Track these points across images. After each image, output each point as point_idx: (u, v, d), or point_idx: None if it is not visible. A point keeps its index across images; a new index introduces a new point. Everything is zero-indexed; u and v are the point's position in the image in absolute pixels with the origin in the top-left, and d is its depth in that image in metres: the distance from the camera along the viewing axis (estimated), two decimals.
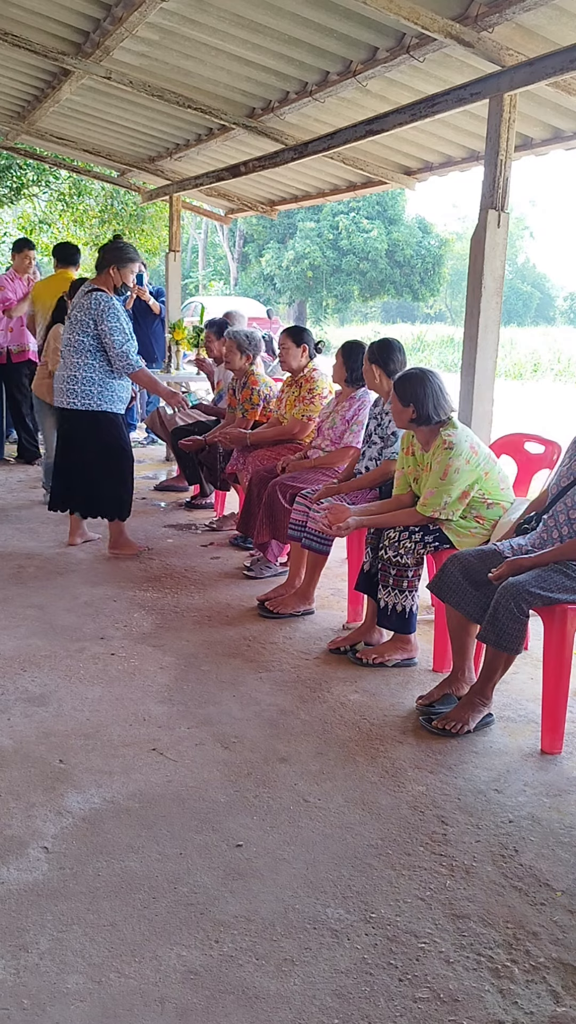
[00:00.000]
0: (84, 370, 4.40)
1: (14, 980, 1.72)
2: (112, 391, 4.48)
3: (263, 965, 1.79)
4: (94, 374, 4.41)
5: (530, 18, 3.65)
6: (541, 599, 2.59)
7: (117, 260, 4.44)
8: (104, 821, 2.26)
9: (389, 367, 3.71)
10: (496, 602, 2.63)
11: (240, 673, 3.21)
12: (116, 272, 4.45)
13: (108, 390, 4.46)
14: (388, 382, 3.68)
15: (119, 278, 4.48)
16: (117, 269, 4.44)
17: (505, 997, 1.72)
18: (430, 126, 5.08)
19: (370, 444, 3.85)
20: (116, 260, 4.43)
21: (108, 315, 4.33)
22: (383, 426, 3.76)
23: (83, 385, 4.40)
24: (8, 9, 5.12)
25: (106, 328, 4.33)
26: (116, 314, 4.37)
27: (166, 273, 8.58)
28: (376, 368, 3.72)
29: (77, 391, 4.41)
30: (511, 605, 2.58)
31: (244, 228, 32.73)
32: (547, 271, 49.81)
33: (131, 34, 4.86)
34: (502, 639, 2.63)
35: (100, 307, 4.35)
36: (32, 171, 14.13)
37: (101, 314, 4.34)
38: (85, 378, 4.40)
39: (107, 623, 3.68)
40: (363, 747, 2.71)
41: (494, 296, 4.04)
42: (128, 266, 4.46)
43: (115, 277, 4.46)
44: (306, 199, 7.92)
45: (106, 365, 4.44)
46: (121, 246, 4.54)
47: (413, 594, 3.23)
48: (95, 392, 4.42)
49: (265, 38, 4.63)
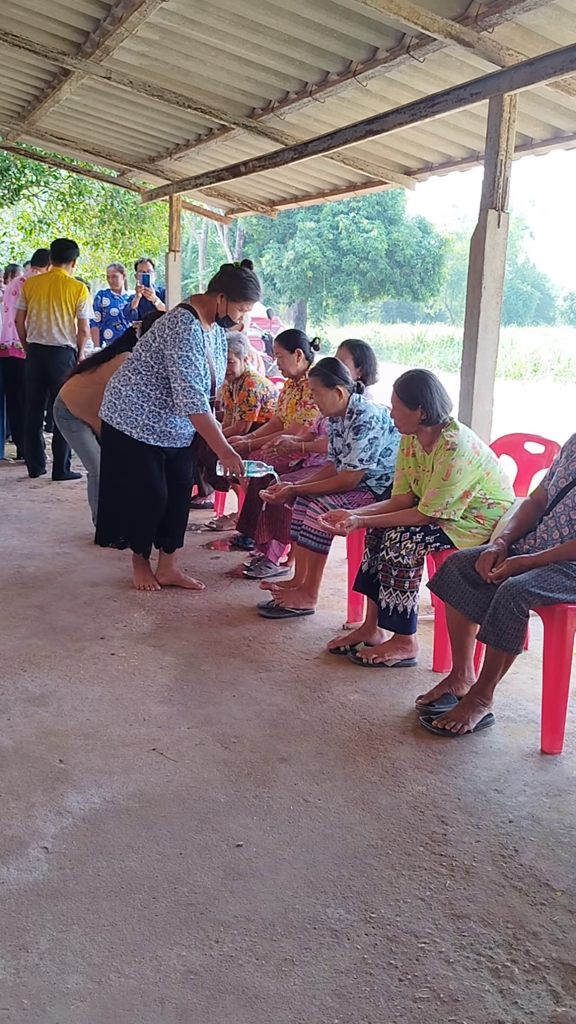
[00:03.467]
0: (129, 387, 3.76)
1: (14, 980, 1.72)
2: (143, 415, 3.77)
3: (263, 965, 1.79)
4: (143, 401, 3.75)
5: (530, 18, 3.65)
6: (541, 599, 2.59)
7: (231, 291, 3.66)
8: (104, 821, 2.26)
9: (348, 380, 3.76)
10: (496, 602, 2.63)
11: (240, 673, 3.21)
12: (224, 302, 3.68)
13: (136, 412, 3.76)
14: (346, 394, 3.73)
15: (224, 309, 3.70)
16: (227, 300, 3.68)
17: (505, 997, 1.72)
18: (430, 126, 5.08)
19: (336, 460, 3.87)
20: (230, 291, 3.66)
21: (183, 340, 3.58)
22: (342, 437, 3.78)
23: (118, 398, 3.78)
24: (8, 9, 5.12)
25: (174, 355, 3.59)
26: (193, 342, 3.60)
27: (166, 273, 8.59)
28: (341, 387, 3.72)
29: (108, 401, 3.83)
30: (511, 605, 2.59)
31: (244, 228, 32.73)
32: (547, 271, 49.87)
33: (131, 34, 4.86)
34: (502, 639, 2.63)
35: (176, 327, 3.61)
36: (32, 171, 14.13)
37: (176, 336, 3.60)
38: (126, 395, 3.76)
39: (107, 623, 3.68)
40: (363, 747, 2.71)
41: (494, 296, 4.04)
42: (241, 304, 3.69)
43: (220, 306, 3.70)
44: (306, 199, 7.93)
45: (161, 394, 3.74)
46: (243, 278, 3.69)
47: (414, 594, 3.23)
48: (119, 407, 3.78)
49: (265, 38, 4.64)
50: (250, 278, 3.70)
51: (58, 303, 6.36)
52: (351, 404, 3.72)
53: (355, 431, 3.68)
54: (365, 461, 3.69)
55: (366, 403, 3.73)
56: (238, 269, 3.73)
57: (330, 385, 3.73)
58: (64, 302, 6.38)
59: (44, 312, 6.34)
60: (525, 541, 2.87)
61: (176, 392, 3.63)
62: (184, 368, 3.59)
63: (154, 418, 3.78)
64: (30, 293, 6.39)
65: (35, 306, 6.37)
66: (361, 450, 3.66)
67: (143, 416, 3.76)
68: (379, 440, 3.71)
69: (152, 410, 3.77)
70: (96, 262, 15.67)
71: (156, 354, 3.69)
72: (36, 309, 6.37)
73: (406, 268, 30.17)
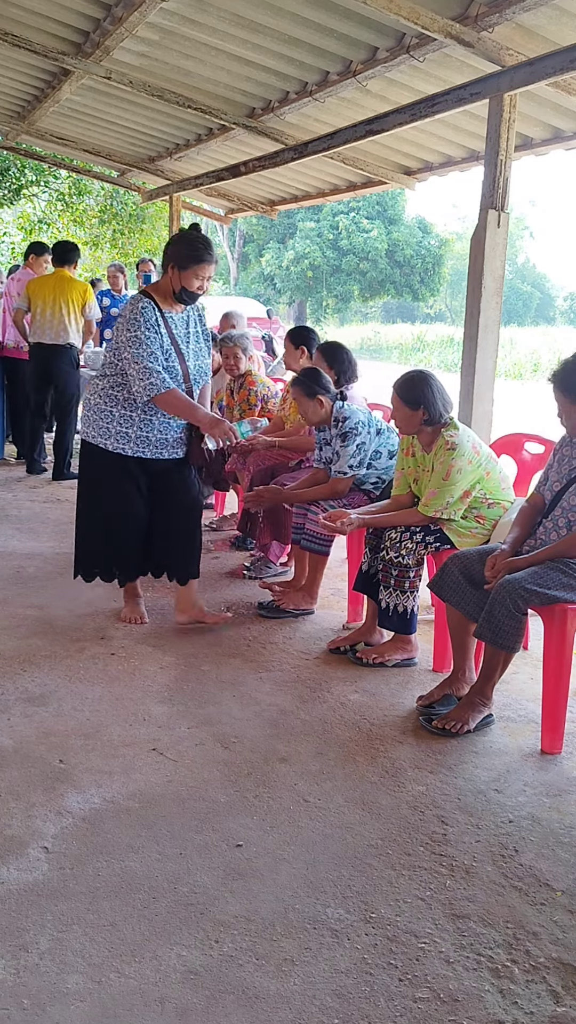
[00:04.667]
0: (98, 395, 3.39)
1: (14, 980, 1.72)
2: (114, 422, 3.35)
3: (263, 965, 1.79)
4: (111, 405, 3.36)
5: (530, 18, 3.66)
6: (538, 596, 2.59)
7: (178, 259, 3.25)
8: (104, 821, 2.26)
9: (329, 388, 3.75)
10: (492, 599, 2.63)
11: (240, 673, 3.21)
12: (176, 274, 3.26)
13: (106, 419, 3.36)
14: (328, 403, 3.72)
15: (178, 281, 3.27)
16: (177, 270, 3.25)
17: (505, 997, 1.72)
18: (430, 126, 5.08)
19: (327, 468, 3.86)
20: (177, 258, 3.25)
21: (131, 321, 3.21)
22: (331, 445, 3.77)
23: (90, 409, 3.42)
24: (8, 9, 5.13)
25: (124, 339, 3.23)
26: (145, 322, 3.22)
27: None
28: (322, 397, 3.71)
29: (83, 416, 3.49)
30: (507, 601, 2.59)
31: (244, 228, 32.75)
32: (547, 271, 49.87)
33: (131, 34, 4.86)
34: (498, 636, 2.63)
35: (125, 311, 3.28)
36: (32, 171, 14.14)
37: (124, 320, 3.25)
38: (95, 403, 3.40)
39: (107, 623, 3.68)
40: (363, 747, 2.71)
41: (494, 296, 4.04)
42: (193, 269, 3.24)
43: (174, 280, 3.28)
44: (306, 199, 7.93)
45: (129, 393, 3.31)
46: (189, 239, 3.29)
47: (414, 594, 3.23)
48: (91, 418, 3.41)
49: (265, 38, 4.64)
50: (197, 238, 3.28)
51: (65, 302, 6.37)
52: (335, 412, 3.72)
53: (342, 438, 3.67)
54: (355, 467, 3.69)
55: (350, 409, 3.72)
56: (182, 233, 3.35)
57: (310, 395, 3.70)
58: (71, 301, 6.40)
59: (50, 311, 6.35)
60: (524, 544, 2.87)
61: (132, 379, 3.22)
62: (135, 349, 3.19)
63: (126, 423, 3.34)
64: (34, 293, 6.40)
65: (39, 305, 6.37)
66: (350, 456, 3.66)
67: (114, 422, 3.34)
68: (367, 445, 3.70)
69: (123, 413, 3.34)
70: (96, 262, 15.68)
71: (115, 350, 3.32)
72: (40, 308, 6.37)
73: (406, 268, 30.19)
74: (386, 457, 3.77)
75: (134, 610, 3.72)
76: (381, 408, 4.48)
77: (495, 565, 2.75)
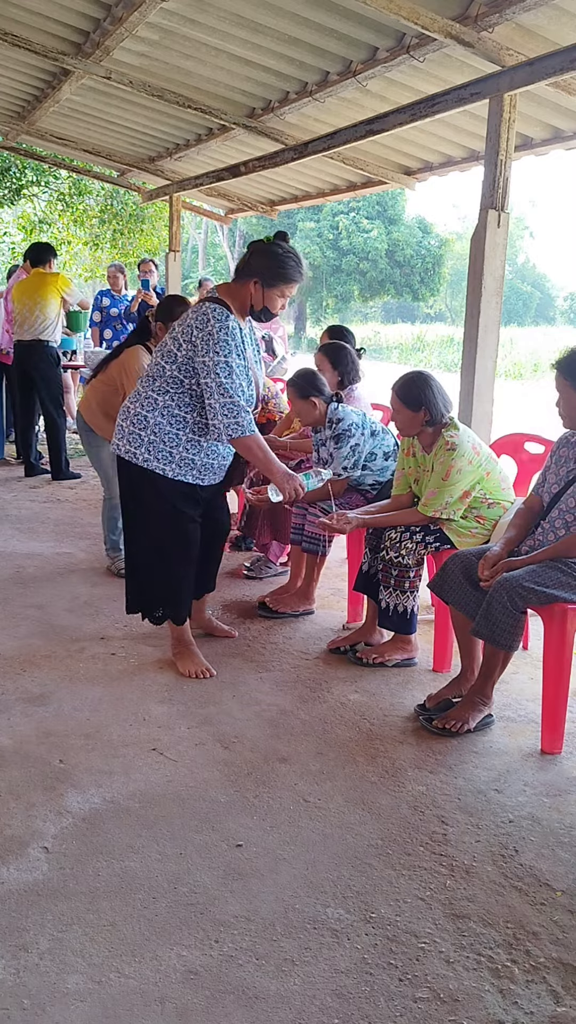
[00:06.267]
0: (157, 412, 2.96)
1: (14, 980, 1.72)
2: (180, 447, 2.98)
3: (263, 965, 1.79)
4: (177, 428, 2.96)
5: (530, 18, 3.66)
6: (536, 594, 2.59)
7: (266, 274, 2.88)
8: (104, 821, 2.26)
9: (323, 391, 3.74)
10: (490, 596, 2.64)
11: (240, 673, 3.21)
12: (259, 290, 2.90)
13: (171, 443, 2.97)
14: (322, 404, 3.71)
15: (260, 298, 2.91)
16: (262, 287, 2.89)
17: (505, 997, 1.72)
18: (430, 126, 5.09)
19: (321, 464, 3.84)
20: (265, 274, 2.88)
21: (219, 342, 2.79)
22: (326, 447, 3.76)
23: (143, 427, 2.97)
24: (8, 9, 5.13)
25: (208, 363, 2.79)
26: (231, 344, 2.81)
27: (166, 273, 8.59)
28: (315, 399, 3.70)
29: (124, 430, 3.02)
30: (504, 599, 2.59)
31: (244, 228, 32.73)
32: (547, 271, 49.87)
33: (131, 34, 4.86)
34: (495, 633, 2.63)
35: (208, 326, 2.80)
36: (32, 171, 14.14)
37: (209, 338, 2.79)
38: (155, 423, 2.96)
39: (107, 623, 3.68)
40: (363, 747, 2.71)
41: (494, 296, 4.04)
42: (281, 288, 2.91)
43: (255, 295, 2.91)
44: (306, 199, 7.94)
45: (198, 417, 2.96)
46: (280, 254, 2.89)
47: (414, 594, 3.23)
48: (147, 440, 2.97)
49: (265, 38, 4.64)
50: (288, 253, 2.90)
51: (41, 297, 6.38)
52: (329, 413, 3.71)
53: (336, 440, 3.67)
54: (349, 468, 3.68)
55: (344, 411, 3.71)
56: (271, 244, 2.92)
57: (303, 396, 3.68)
58: (46, 296, 6.39)
59: (27, 309, 6.41)
60: (523, 545, 2.87)
61: (213, 411, 2.82)
62: (224, 378, 2.78)
63: (193, 449, 2.98)
64: (15, 297, 6.51)
65: (17, 307, 6.48)
66: (344, 458, 3.65)
67: (180, 447, 2.96)
68: (361, 446, 3.70)
69: (190, 439, 2.97)
70: (96, 262, 15.68)
71: (185, 366, 2.89)
72: (18, 309, 6.47)
73: (406, 268, 30.19)
74: (381, 458, 3.76)
75: (196, 660, 3.23)
76: (383, 409, 4.48)
77: (492, 566, 2.75)
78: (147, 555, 3.15)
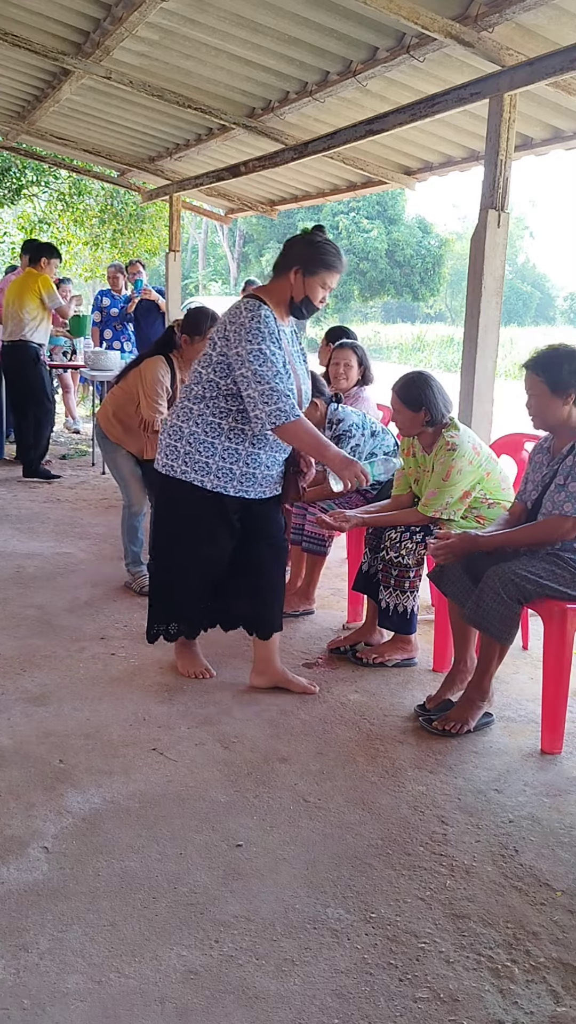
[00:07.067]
0: (192, 421, 2.83)
1: (14, 980, 1.72)
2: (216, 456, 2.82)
3: (263, 965, 1.79)
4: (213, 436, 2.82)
5: (530, 18, 3.66)
6: (529, 582, 2.60)
7: (307, 261, 2.77)
8: (104, 821, 2.26)
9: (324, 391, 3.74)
10: (483, 584, 2.65)
11: (240, 673, 3.21)
12: (299, 279, 2.77)
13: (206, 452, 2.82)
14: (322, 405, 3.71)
15: (301, 288, 2.79)
16: (303, 275, 2.77)
17: (505, 997, 1.72)
18: (430, 126, 5.08)
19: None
20: (306, 261, 2.77)
21: (252, 331, 2.68)
22: None
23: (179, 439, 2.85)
24: (8, 9, 5.13)
25: (242, 353, 2.67)
26: (270, 334, 2.70)
27: (166, 273, 8.59)
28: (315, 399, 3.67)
29: (167, 446, 2.89)
30: (497, 586, 2.60)
31: (244, 228, 32.75)
32: (547, 271, 49.81)
33: (131, 34, 4.86)
34: (485, 620, 2.63)
35: (240, 317, 2.71)
36: (32, 171, 14.13)
37: (242, 328, 2.69)
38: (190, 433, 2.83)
39: (107, 623, 3.68)
40: (363, 747, 2.71)
41: (494, 296, 4.04)
42: (323, 276, 2.78)
43: (295, 285, 2.79)
44: (306, 199, 7.93)
45: (236, 422, 2.81)
46: (319, 242, 2.80)
47: (414, 594, 3.23)
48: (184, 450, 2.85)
49: (265, 38, 4.64)
50: (328, 242, 2.82)
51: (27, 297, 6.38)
52: (330, 414, 3.71)
53: (336, 441, 3.66)
54: None
55: (345, 411, 3.72)
56: (309, 234, 2.82)
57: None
58: (28, 297, 6.39)
59: (12, 309, 6.43)
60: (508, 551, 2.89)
61: (253, 401, 2.67)
62: (258, 366, 2.65)
63: (231, 457, 2.82)
64: (5, 297, 6.54)
65: (5, 306, 6.51)
66: None
67: (216, 456, 2.82)
68: (361, 447, 3.70)
69: (228, 446, 2.81)
70: (96, 262, 15.67)
71: (220, 366, 2.76)
72: (5, 308, 6.51)
73: (406, 268, 30.18)
74: (381, 459, 3.77)
75: (195, 661, 3.20)
76: (386, 410, 4.48)
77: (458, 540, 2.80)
78: (174, 569, 3.01)
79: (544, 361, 2.71)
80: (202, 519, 2.89)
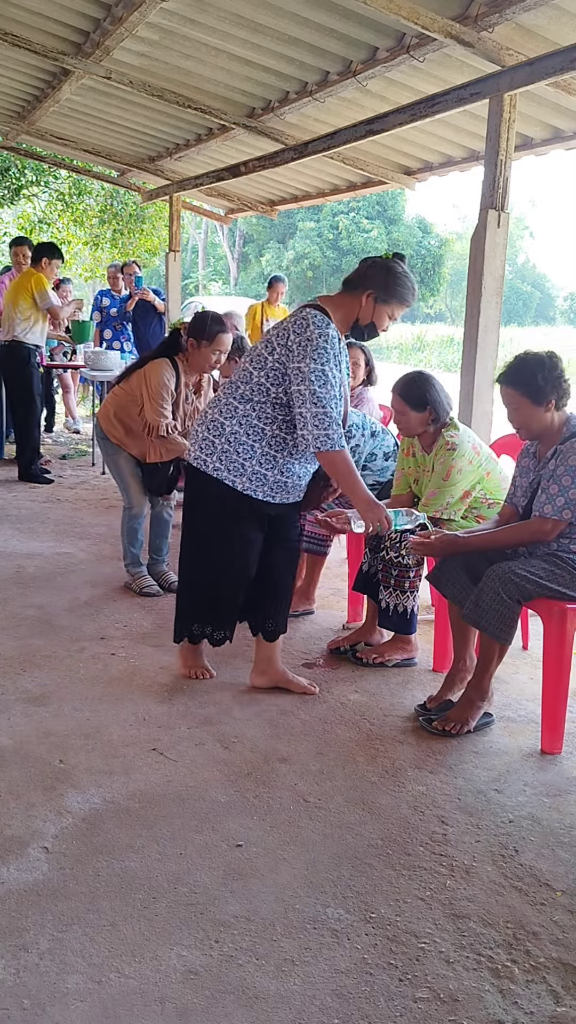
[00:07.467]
0: (235, 421, 2.76)
1: (14, 980, 1.72)
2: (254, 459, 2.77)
3: (263, 965, 1.79)
4: (254, 439, 2.76)
5: (530, 18, 3.66)
6: (528, 582, 2.60)
7: (384, 289, 2.72)
8: (104, 821, 2.26)
9: None
10: (482, 583, 2.66)
11: (240, 673, 3.21)
12: (371, 304, 2.72)
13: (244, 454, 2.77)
14: None
15: (370, 313, 2.74)
16: (375, 302, 2.72)
17: (505, 997, 1.72)
18: (430, 126, 5.09)
19: None
20: (382, 289, 2.72)
21: (319, 350, 2.60)
22: None
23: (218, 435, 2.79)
24: (8, 9, 5.13)
25: (305, 370, 2.60)
26: (331, 353, 2.63)
27: (166, 273, 8.59)
28: None
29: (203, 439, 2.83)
30: (496, 585, 2.61)
31: (244, 228, 32.76)
32: (547, 271, 49.85)
33: (131, 34, 4.86)
34: (483, 619, 2.63)
35: (307, 331, 2.61)
36: (32, 171, 14.14)
37: (309, 344, 2.60)
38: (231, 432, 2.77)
39: (107, 623, 3.68)
40: (363, 747, 2.71)
41: (494, 296, 4.04)
42: (394, 307, 2.75)
43: (365, 309, 2.73)
44: (306, 199, 7.94)
45: (279, 430, 2.76)
46: (399, 273, 2.75)
47: (414, 594, 3.23)
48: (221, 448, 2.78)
49: (265, 38, 4.64)
50: (408, 274, 2.78)
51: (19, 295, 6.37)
52: None
53: None
54: None
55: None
56: (391, 261, 2.78)
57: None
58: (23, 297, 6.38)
59: (8, 309, 6.43)
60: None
61: (303, 420, 2.62)
62: (318, 387, 2.59)
63: (267, 464, 2.78)
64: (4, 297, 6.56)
65: (4, 307, 6.52)
66: None
67: (253, 460, 2.76)
68: (362, 447, 3.70)
69: (266, 452, 2.76)
70: (96, 262, 15.68)
71: (275, 373, 2.69)
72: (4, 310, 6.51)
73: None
74: (381, 459, 3.76)
75: (196, 661, 3.17)
76: (387, 411, 4.48)
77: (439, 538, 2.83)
78: (201, 571, 2.96)
79: (517, 373, 2.71)
80: (227, 518, 2.85)
